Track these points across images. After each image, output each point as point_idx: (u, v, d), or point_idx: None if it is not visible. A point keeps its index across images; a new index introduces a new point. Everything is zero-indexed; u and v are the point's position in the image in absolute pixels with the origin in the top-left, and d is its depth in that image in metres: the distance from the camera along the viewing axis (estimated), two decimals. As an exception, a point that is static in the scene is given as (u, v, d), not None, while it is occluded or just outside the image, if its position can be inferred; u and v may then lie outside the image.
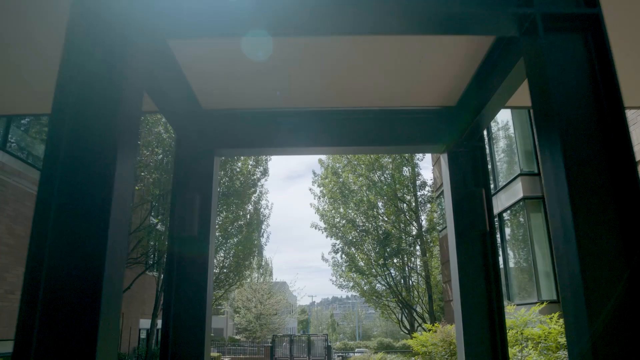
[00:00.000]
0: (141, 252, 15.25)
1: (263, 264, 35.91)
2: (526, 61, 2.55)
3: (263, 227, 21.16)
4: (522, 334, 6.39)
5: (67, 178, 2.15)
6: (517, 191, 9.01)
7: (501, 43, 3.05)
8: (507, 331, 6.73)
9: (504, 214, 10.02)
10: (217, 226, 16.37)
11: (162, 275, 15.54)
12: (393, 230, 17.21)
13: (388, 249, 17.07)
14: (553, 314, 6.77)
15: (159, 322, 20.53)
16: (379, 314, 23.29)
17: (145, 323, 19.17)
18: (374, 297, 19.35)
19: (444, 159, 4.70)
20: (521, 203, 9.01)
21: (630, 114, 5.74)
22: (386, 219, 17.99)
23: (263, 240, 23.33)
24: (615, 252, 2.02)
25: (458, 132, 4.35)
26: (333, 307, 79.98)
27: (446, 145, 4.45)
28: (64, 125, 2.11)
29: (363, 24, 2.74)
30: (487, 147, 11.07)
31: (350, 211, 18.64)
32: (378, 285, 18.92)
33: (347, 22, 2.69)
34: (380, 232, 17.56)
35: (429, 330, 8.74)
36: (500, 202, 10.08)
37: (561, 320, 6.26)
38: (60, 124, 2.11)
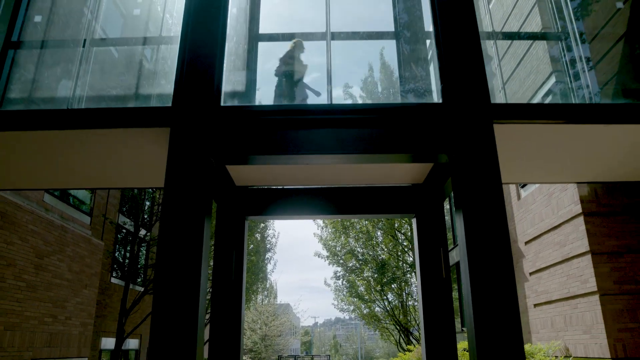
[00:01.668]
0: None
1: (268, 286, 37.25)
2: (450, 174, 4.50)
3: (270, 254, 22.67)
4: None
5: (175, 232, 4.17)
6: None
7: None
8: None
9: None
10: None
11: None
12: (390, 260, 18.69)
13: (386, 277, 18.52)
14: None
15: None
16: (379, 335, 24.53)
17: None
18: (374, 320, 20.70)
19: (413, 223, 6.57)
20: (491, 243, 10.61)
21: (560, 185, 7.39)
22: (384, 248, 19.47)
23: (270, 267, 24.77)
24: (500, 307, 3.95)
25: (424, 203, 6.28)
26: (336, 328, 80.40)
27: (415, 213, 6.35)
28: (178, 171, 4.11)
29: (356, 157, 4.59)
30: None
31: (351, 240, 20.14)
32: (377, 308, 20.26)
33: (341, 159, 4.60)
34: (379, 260, 19.04)
35: (411, 350, 10.23)
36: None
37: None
38: (170, 199, 4.08)
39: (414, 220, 5.96)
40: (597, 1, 6.19)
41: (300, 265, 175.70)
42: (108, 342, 15.44)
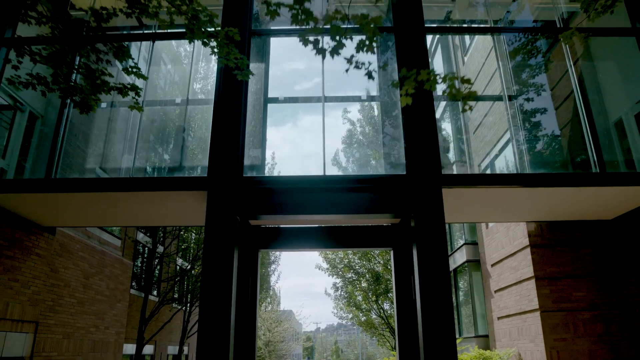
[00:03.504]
0: (178, 292, 18.68)
1: (271, 293, 38.78)
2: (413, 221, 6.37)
3: (274, 266, 24.27)
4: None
5: (213, 265, 6.26)
6: (463, 255, 12.28)
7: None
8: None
9: (457, 270, 13.27)
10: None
11: (186, 308, 18.80)
12: (384, 272, 20.29)
13: (380, 288, 20.13)
14: (475, 345, 9.98)
15: (185, 349, 23.49)
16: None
17: (172, 349, 22.19)
18: (371, 328, 22.26)
19: (391, 254, 8.43)
20: (466, 264, 12.26)
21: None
22: (380, 261, 21.07)
23: (274, 278, 26.37)
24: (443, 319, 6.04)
25: (400, 239, 8.22)
26: (338, 334, 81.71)
27: (392, 247, 8.30)
28: (214, 225, 6.12)
29: (345, 216, 6.57)
30: (446, 225, 14.36)
31: (349, 253, 21.74)
32: (374, 316, 21.82)
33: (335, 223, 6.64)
34: (374, 272, 20.65)
35: (394, 355, 11.82)
36: (454, 262, 13.34)
37: (477, 349, 9.43)
38: (212, 224, 6.08)
39: (392, 253, 7.65)
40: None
41: (303, 270, 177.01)
42: (128, 348, 17.06)
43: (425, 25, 7.37)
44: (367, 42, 3.34)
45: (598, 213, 8.15)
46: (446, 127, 9.80)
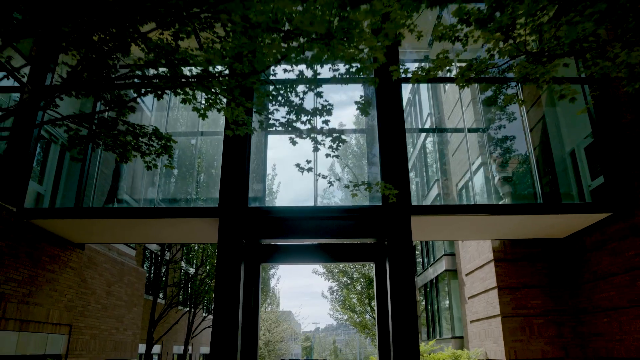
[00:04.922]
0: (183, 296, 20.07)
1: (271, 294, 40.06)
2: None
3: (273, 270, 25.61)
4: (430, 357, 10.93)
5: (224, 278, 7.82)
6: (442, 265, 13.64)
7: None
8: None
9: (438, 278, 14.64)
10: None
11: (191, 310, 20.13)
12: (376, 277, 21.63)
13: (373, 292, 21.49)
14: (449, 346, 11.36)
15: (189, 348, 24.81)
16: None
17: (177, 349, 23.54)
18: (365, 328, 23.62)
19: (373, 268, 10.01)
20: (445, 272, 13.63)
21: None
22: (373, 266, 22.38)
23: (273, 282, 27.67)
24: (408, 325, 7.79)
25: (380, 255, 9.77)
26: (337, 334, 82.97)
27: (374, 261, 9.88)
28: (224, 246, 7.70)
29: (333, 240, 8.15)
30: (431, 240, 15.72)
31: (344, 258, 23.09)
32: (367, 317, 23.19)
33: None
34: (367, 277, 22.00)
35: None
36: (435, 270, 14.73)
37: (450, 349, 10.80)
38: (223, 246, 7.65)
39: (373, 266, 9.01)
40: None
41: (302, 271, 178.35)
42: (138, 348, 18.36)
43: (402, 77, 8.71)
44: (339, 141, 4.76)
45: (552, 233, 9.51)
46: (430, 151, 11.17)
